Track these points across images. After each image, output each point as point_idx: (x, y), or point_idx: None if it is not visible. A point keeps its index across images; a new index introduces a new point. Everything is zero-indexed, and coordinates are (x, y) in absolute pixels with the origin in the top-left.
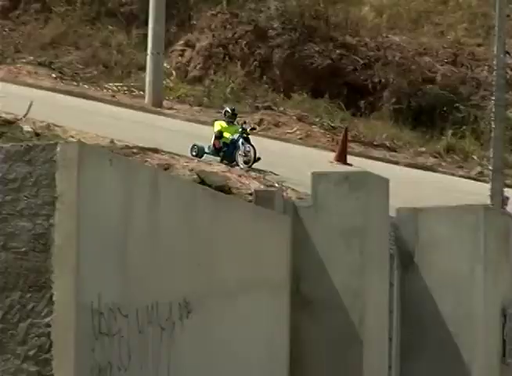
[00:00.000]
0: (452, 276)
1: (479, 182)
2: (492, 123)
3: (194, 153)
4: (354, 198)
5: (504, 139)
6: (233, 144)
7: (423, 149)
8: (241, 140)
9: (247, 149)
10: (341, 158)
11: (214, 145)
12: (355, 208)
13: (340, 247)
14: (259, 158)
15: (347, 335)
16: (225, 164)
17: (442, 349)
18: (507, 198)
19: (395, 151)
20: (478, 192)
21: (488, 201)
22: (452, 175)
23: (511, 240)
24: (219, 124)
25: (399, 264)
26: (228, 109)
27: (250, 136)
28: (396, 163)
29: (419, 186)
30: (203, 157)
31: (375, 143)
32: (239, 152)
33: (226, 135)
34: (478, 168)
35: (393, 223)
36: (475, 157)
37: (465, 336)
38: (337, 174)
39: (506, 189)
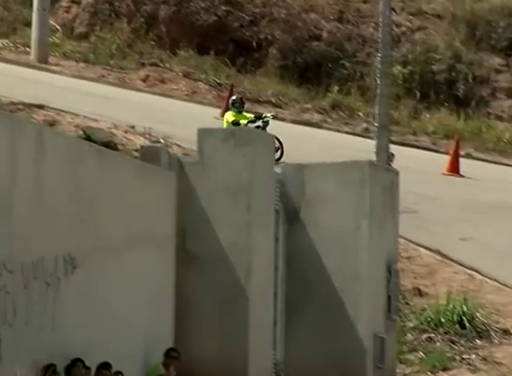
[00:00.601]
0: (338, 232)
1: (365, 139)
2: (378, 80)
3: None
4: (240, 155)
5: (389, 95)
6: None
7: (309, 105)
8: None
9: None
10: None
11: None
12: (240, 165)
13: (226, 203)
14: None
15: (233, 290)
16: None
17: (327, 304)
18: (392, 155)
19: (281, 108)
20: (364, 148)
21: (374, 158)
22: (338, 131)
23: (396, 195)
24: (231, 115)
25: (285, 220)
26: (235, 98)
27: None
28: (282, 119)
29: (305, 142)
30: None
31: (261, 100)
32: None
33: (243, 121)
34: (364, 125)
35: (279, 179)
36: (361, 114)
37: (350, 291)
38: (223, 130)
39: (391, 146)
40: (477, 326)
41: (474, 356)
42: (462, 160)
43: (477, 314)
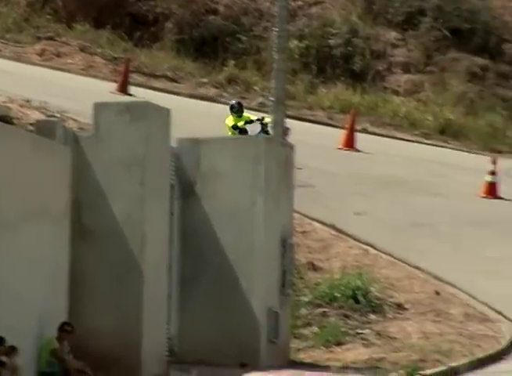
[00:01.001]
0: (233, 207)
1: (261, 113)
2: (274, 54)
3: None
4: (135, 129)
5: (286, 70)
6: None
7: (205, 79)
8: (261, 135)
9: None
10: (123, 89)
11: None
12: (136, 138)
13: (121, 176)
14: None
15: (127, 264)
16: None
17: (222, 279)
18: (288, 129)
19: (177, 82)
20: None
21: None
22: None
23: (291, 170)
24: (231, 120)
25: (180, 194)
26: (233, 103)
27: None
28: (178, 94)
29: (201, 116)
30: None
31: (157, 74)
32: None
33: (240, 123)
34: (260, 99)
35: (174, 153)
36: (257, 88)
37: (245, 266)
38: (119, 104)
39: (287, 120)
40: (371, 300)
41: (367, 330)
42: (358, 135)
43: (372, 289)
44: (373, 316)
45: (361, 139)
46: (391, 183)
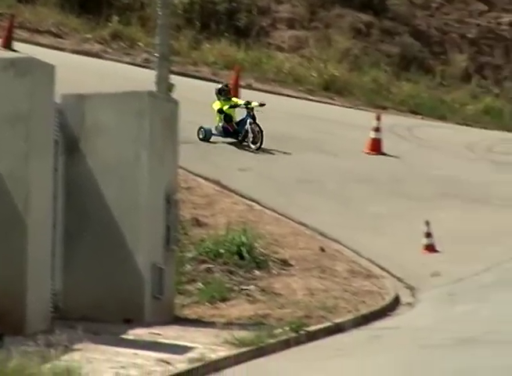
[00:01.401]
0: (117, 163)
1: (145, 69)
2: (158, 9)
3: (201, 136)
4: (19, 84)
5: (170, 25)
6: (242, 124)
7: (90, 35)
8: (249, 120)
9: (257, 129)
10: (7, 44)
11: (228, 128)
12: (20, 94)
13: (6, 133)
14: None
15: (11, 221)
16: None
17: (106, 234)
18: (173, 85)
19: (62, 37)
20: (144, 79)
21: (154, 88)
22: (119, 61)
23: (176, 126)
24: (218, 103)
25: (64, 150)
26: (220, 87)
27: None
28: (63, 49)
29: (85, 72)
30: (212, 139)
31: (41, 30)
32: (250, 134)
33: (227, 110)
34: (144, 55)
35: (59, 109)
36: (141, 44)
37: (129, 222)
38: (3, 60)
39: (171, 76)
40: (256, 257)
41: (252, 286)
42: (242, 91)
43: (256, 245)
44: (257, 272)
45: (245, 95)
46: (277, 139)
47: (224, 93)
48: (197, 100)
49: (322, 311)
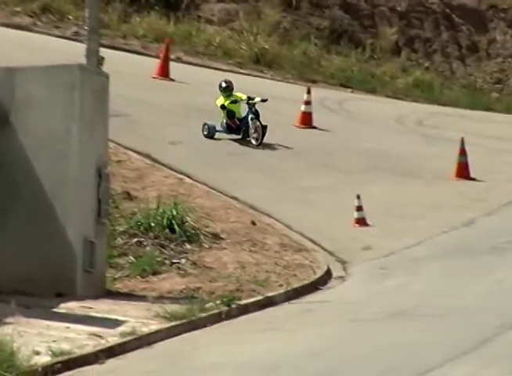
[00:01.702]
0: (48, 136)
1: (75, 42)
2: None
3: (205, 133)
4: None
5: None
6: (244, 120)
7: (19, 8)
8: (250, 116)
9: (257, 124)
10: None
11: (231, 124)
12: None
13: None
14: (265, 131)
15: None
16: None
17: (37, 208)
18: (103, 58)
19: None
20: (75, 52)
21: (84, 61)
22: (49, 35)
23: (106, 99)
24: (220, 100)
25: None
26: (223, 85)
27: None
28: None
29: (15, 46)
30: (216, 135)
31: None
32: (250, 129)
33: (228, 106)
34: (74, 28)
35: None
36: (71, 17)
37: (60, 195)
38: None
39: (101, 49)
40: (186, 230)
41: (183, 260)
42: (172, 64)
43: (187, 218)
44: (188, 246)
45: (175, 68)
46: (207, 113)
47: (225, 90)
48: (127, 73)
49: (254, 284)
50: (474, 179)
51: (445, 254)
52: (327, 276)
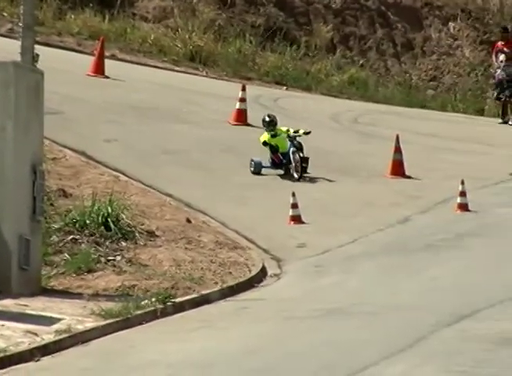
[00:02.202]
0: None
1: (10, 39)
2: None
3: (252, 169)
4: None
5: None
6: (287, 154)
7: None
8: (292, 149)
9: (296, 158)
10: None
11: (275, 159)
12: None
13: None
14: (306, 164)
15: None
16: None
17: None
18: (38, 55)
19: None
20: (9, 49)
21: (19, 58)
22: None
23: (41, 96)
24: (264, 136)
25: None
26: (267, 120)
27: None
28: None
29: None
30: (263, 171)
31: None
32: (292, 162)
33: (269, 140)
34: (9, 25)
35: None
36: (6, 14)
37: None
38: None
39: (36, 46)
40: (122, 228)
41: (119, 257)
42: (107, 62)
43: (123, 216)
44: (124, 244)
45: (110, 65)
46: (142, 110)
47: (269, 123)
48: (62, 70)
49: (189, 282)
50: (409, 177)
51: (380, 252)
52: (262, 273)
